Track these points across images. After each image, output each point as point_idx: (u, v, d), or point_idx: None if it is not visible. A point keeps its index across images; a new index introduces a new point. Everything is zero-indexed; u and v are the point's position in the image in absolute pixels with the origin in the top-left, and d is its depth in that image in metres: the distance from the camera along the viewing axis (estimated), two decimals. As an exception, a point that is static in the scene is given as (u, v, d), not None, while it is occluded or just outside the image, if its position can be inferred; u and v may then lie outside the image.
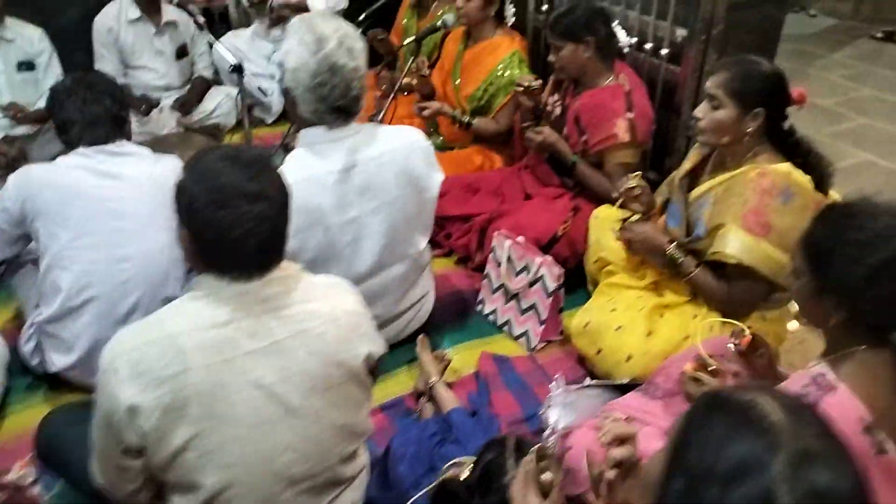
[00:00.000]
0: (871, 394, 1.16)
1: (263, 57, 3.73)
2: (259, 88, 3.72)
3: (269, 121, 3.79)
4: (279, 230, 1.21)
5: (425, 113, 2.93)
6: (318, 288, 1.30)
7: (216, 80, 3.68)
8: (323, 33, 1.67)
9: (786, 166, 1.82)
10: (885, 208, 1.22)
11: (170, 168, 1.92)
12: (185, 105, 3.51)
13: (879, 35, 5.95)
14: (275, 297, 1.20)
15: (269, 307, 1.19)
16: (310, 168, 1.72)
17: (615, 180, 2.41)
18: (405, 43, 2.91)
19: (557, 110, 2.58)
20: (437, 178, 2.02)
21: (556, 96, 2.60)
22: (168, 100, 3.54)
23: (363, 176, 1.78)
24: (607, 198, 2.39)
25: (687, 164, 2.07)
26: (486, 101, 2.94)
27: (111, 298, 1.87)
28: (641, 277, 2.11)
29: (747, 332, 1.61)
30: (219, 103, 3.53)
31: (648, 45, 2.56)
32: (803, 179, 1.81)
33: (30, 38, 3.25)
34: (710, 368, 1.57)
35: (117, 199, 1.85)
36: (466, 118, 2.94)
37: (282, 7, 3.55)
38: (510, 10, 2.99)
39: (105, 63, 3.41)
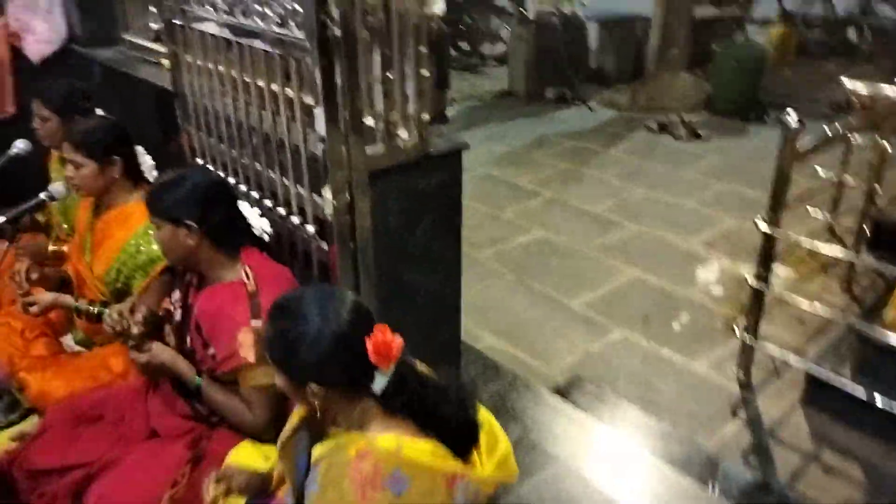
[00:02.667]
0: None
1: None
2: None
3: None
4: None
5: (33, 309, 2.16)
6: None
7: None
8: None
9: (392, 439, 1.22)
10: None
11: None
12: None
13: (653, 126, 5.92)
14: None
15: None
16: None
17: (255, 409, 1.76)
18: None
19: (178, 314, 1.91)
20: None
21: (176, 294, 1.93)
22: None
23: None
24: (250, 431, 1.75)
25: (292, 421, 1.44)
26: (122, 283, 2.22)
27: None
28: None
29: None
30: None
31: (295, 218, 1.98)
32: (419, 452, 1.22)
33: None
34: None
35: None
36: (96, 308, 2.20)
37: None
38: (146, 161, 2.32)
39: None
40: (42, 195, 2.26)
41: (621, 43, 7.13)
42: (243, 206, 1.86)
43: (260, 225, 1.85)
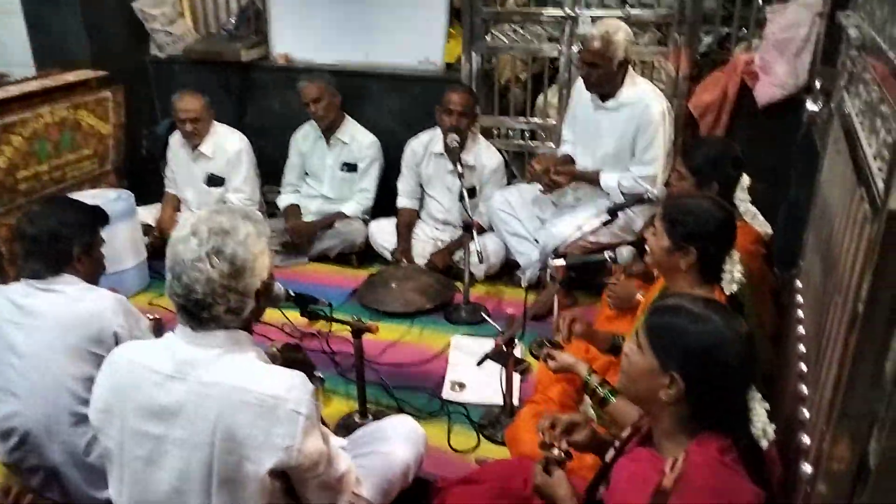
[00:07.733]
0: None
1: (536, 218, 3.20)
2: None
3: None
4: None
5: (550, 364, 2.00)
6: None
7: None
8: (197, 225, 1.37)
9: None
10: None
11: (92, 308, 1.85)
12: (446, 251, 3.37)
13: None
14: None
15: None
16: (138, 354, 1.44)
17: None
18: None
19: (611, 454, 1.44)
20: (271, 457, 1.36)
21: (627, 430, 1.46)
22: (444, 233, 3.49)
23: (182, 396, 1.38)
24: None
25: None
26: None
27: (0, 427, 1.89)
28: None
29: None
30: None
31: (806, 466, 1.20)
32: None
33: (360, 142, 3.57)
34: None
35: (18, 334, 1.84)
36: (605, 391, 1.89)
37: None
38: (735, 270, 1.80)
39: (404, 181, 3.52)
40: (607, 254, 2.10)
41: None
42: (758, 402, 1.24)
43: (762, 429, 1.21)
